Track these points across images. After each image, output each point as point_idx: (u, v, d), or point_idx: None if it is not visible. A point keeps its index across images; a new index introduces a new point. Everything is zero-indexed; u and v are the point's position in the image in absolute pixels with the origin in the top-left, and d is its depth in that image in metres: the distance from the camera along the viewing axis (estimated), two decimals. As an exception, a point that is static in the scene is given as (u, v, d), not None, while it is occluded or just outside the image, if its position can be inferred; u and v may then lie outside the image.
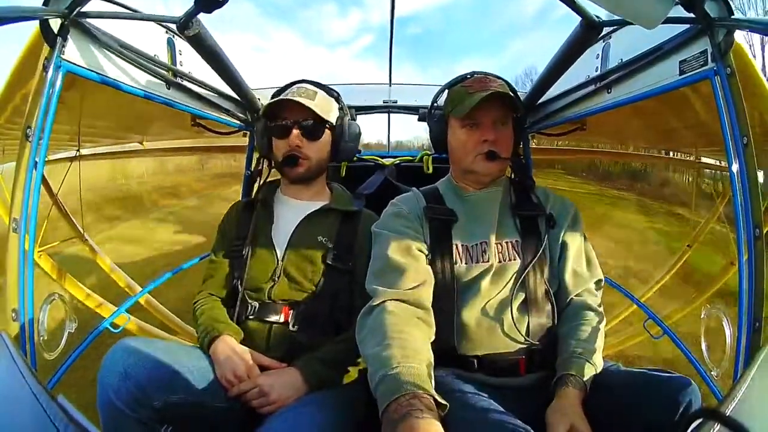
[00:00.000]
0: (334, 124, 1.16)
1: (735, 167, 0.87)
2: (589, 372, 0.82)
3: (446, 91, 1.11)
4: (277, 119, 1.11)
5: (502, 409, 0.76)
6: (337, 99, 1.22)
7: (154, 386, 0.77)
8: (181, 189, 10.83)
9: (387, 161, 1.84)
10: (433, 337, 0.85)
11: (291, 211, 1.13)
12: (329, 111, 1.14)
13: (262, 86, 1.70)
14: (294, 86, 1.17)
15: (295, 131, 1.09)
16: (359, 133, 1.24)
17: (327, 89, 1.21)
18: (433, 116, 1.13)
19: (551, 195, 1.07)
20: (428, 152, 1.82)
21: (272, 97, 1.20)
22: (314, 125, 1.10)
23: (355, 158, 1.82)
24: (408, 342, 0.75)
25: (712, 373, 1.12)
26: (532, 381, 0.90)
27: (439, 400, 0.66)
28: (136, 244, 5.52)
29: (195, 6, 0.85)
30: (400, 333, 0.76)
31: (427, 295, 0.89)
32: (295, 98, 1.07)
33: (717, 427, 0.50)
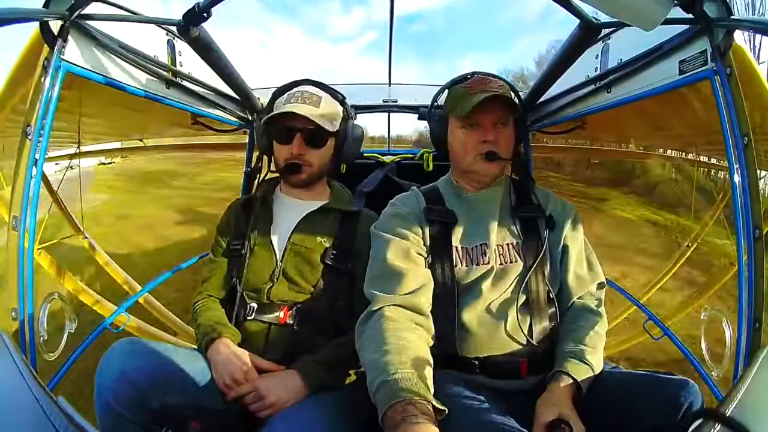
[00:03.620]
0: (338, 129, 1.13)
1: (735, 167, 0.87)
2: (583, 371, 0.82)
3: (446, 90, 1.10)
4: (280, 123, 1.08)
5: (502, 414, 0.75)
6: (342, 102, 1.19)
7: (151, 388, 0.76)
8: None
9: (387, 159, 1.84)
10: (432, 342, 0.85)
11: (290, 210, 1.12)
12: (334, 118, 1.12)
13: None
14: (298, 88, 1.14)
15: (298, 138, 1.07)
16: (363, 136, 1.22)
17: (332, 92, 1.18)
18: (434, 115, 1.13)
19: (552, 196, 1.06)
20: (429, 150, 1.82)
21: (275, 95, 1.18)
22: (318, 133, 1.08)
23: None
24: (406, 348, 0.74)
25: (712, 373, 1.12)
26: (534, 384, 0.89)
27: (437, 405, 0.66)
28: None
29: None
30: (398, 339, 0.76)
31: (425, 299, 0.88)
32: (299, 108, 1.04)
33: (717, 427, 0.50)
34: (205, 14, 0.87)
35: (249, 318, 1.01)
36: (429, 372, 0.73)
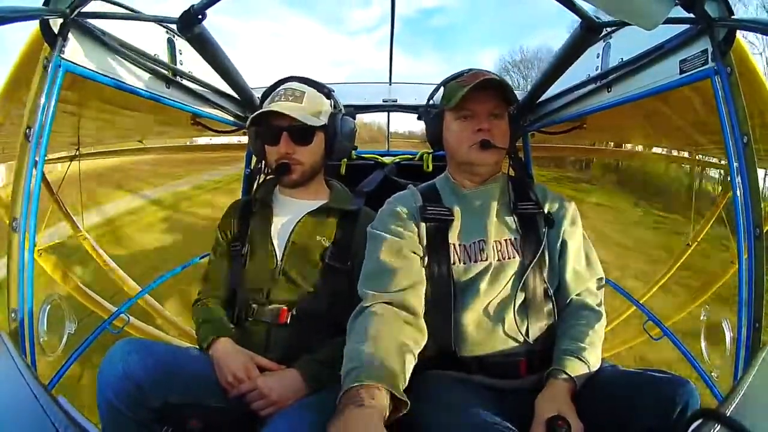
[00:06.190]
0: (326, 123, 1.12)
1: (735, 167, 0.87)
2: (581, 369, 0.82)
3: (442, 88, 1.10)
4: (266, 125, 1.09)
5: (500, 413, 0.75)
6: (328, 95, 1.18)
7: (153, 387, 0.77)
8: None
9: (387, 160, 1.84)
10: (421, 342, 0.84)
11: (289, 210, 1.12)
12: (319, 111, 1.11)
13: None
14: (281, 87, 1.14)
15: (285, 137, 1.06)
16: (354, 130, 1.21)
17: (317, 86, 1.18)
18: (429, 113, 1.12)
19: (549, 193, 1.06)
20: (428, 151, 1.82)
21: (263, 96, 1.18)
22: (303, 129, 1.07)
23: (354, 156, 1.82)
24: (382, 338, 0.75)
25: (712, 373, 1.12)
26: (532, 383, 0.89)
27: (399, 396, 0.66)
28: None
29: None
30: (377, 332, 0.77)
31: (416, 298, 0.88)
32: (280, 106, 1.04)
33: (717, 427, 0.50)
34: (200, 16, 0.88)
35: (249, 318, 1.01)
36: (400, 362, 0.73)
